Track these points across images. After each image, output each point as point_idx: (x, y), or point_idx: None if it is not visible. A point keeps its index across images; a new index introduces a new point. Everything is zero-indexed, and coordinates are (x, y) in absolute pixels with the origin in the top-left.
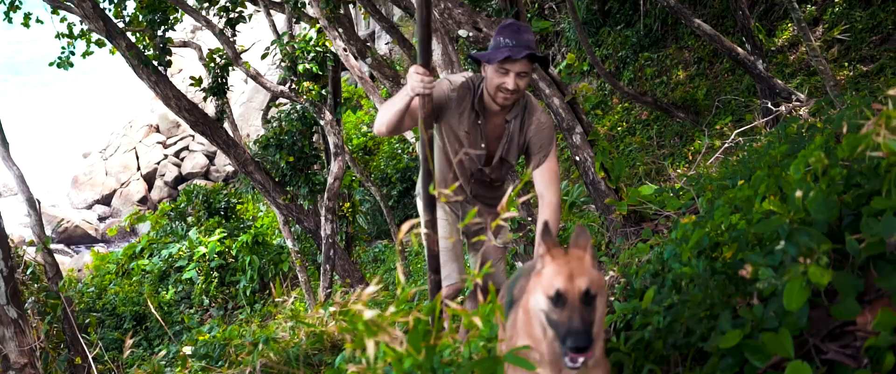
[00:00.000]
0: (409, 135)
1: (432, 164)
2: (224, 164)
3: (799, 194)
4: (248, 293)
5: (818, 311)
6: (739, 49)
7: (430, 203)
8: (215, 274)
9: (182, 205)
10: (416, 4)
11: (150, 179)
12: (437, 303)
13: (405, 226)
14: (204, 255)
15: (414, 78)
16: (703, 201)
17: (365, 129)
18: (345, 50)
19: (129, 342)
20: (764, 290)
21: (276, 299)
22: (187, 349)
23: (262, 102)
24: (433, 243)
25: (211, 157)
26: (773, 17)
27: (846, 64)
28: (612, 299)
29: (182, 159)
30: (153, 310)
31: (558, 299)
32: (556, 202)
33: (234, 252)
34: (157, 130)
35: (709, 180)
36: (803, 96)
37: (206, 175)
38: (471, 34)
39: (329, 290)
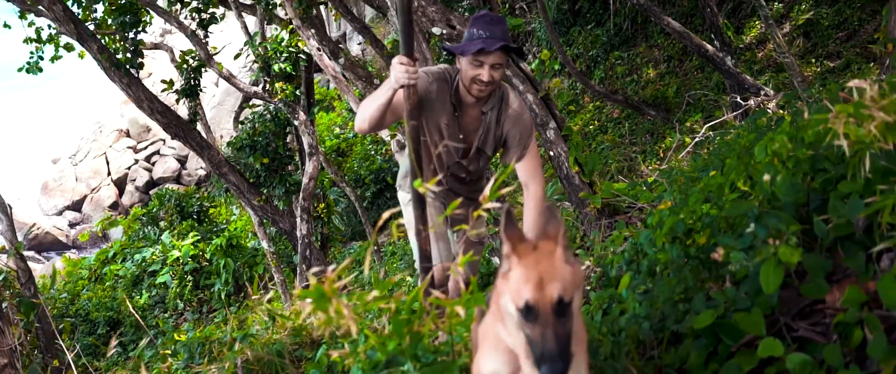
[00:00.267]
0: (385, 134)
1: (412, 154)
2: (196, 168)
3: (766, 177)
4: (222, 296)
5: (788, 291)
6: (708, 46)
7: (420, 197)
8: (189, 278)
9: (154, 209)
10: None
11: (120, 184)
12: (422, 290)
13: (385, 214)
14: (178, 259)
15: (398, 69)
16: (675, 192)
17: (337, 130)
18: (319, 49)
19: (113, 341)
20: (736, 272)
21: (253, 297)
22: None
23: (233, 105)
24: (425, 240)
25: (182, 161)
26: (741, 14)
27: (813, 60)
28: (588, 288)
29: (153, 164)
30: (133, 310)
31: (528, 312)
32: (541, 193)
33: (208, 255)
34: (128, 134)
35: (680, 173)
36: (772, 92)
37: (177, 179)
38: (444, 32)
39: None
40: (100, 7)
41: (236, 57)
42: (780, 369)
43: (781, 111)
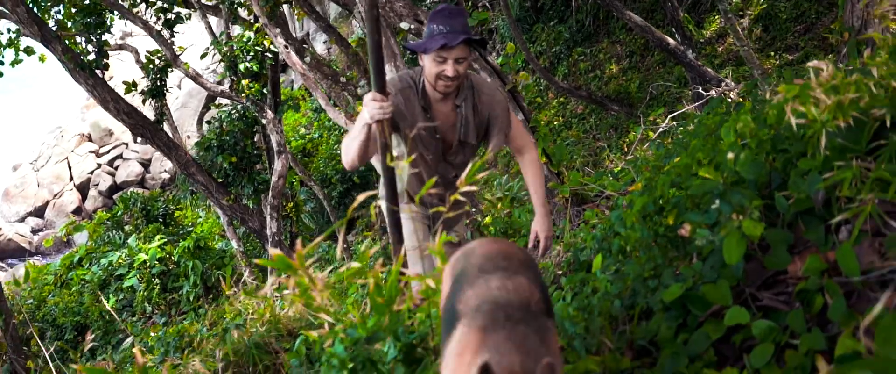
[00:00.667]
0: None
1: (386, 185)
2: (160, 171)
3: (731, 155)
4: (191, 298)
5: (752, 263)
6: (670, 40)
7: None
8: (157, 281)
9: (119, 213)
10: (367, 30)
11: (83, 189)
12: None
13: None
14: (145, 262)
15: (371, 106)
16: (642, 179)
17: (303, 130)
18: (286, 47)
19: (89, 336)
20: (702, 247)
21: (230, 291)
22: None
23: (196, 107)
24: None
25: (146, 164)
26: (701, 9)
27: (772, 53)
28: (560, 273)
29: (116, 168)
30: (107, 306)
31: None
32: (536, 156)
33: (175, 258)
34: (89, 139)
35: (646, 162)
36: (732, 83)
37: (141, 183)
38: (412, 27)
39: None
40: (58, 8)
41: (202, 57)
42: (746, 336)
43: (742, 100)
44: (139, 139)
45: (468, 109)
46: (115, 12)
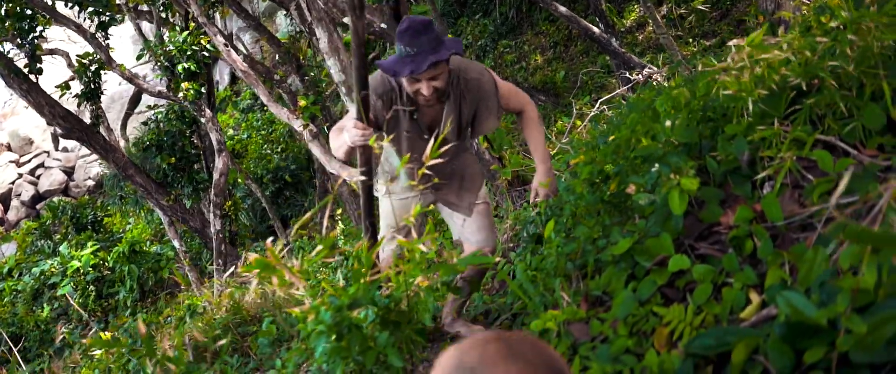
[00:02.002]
0: (298, 124)
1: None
2: (84, 178)
3: (668, 123)
4: (128, 303)
5: (690, 218)
6: (595, 28)
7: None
8: (92, 288)
9: (47, 222)
10: (354, 66)
11: (4, 199)
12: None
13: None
14: (78, 269)
15: (353, 132)
16: (581, 154)
17: (231, 132)
18: (226, 45)
19: (61, 329)
20: (645, 207)
21: (184, 288)
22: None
23: (119, 111)
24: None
25: (69, 172)
26: None
27: (690, 40)
28: (510, 247)
29: (38, 177)
30: (73, 302)
31: None
32: (534, 114)
33: (110, 264)
34: (9, 148)
35: (582, 143)
36: (656, 68)
37: (65, 192)
38: None
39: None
40: None
41: (139, 58)
42: (688, 280)
43: (667, 82)
44: (60, 148)
45: (456, 99)
46: (47, 15)
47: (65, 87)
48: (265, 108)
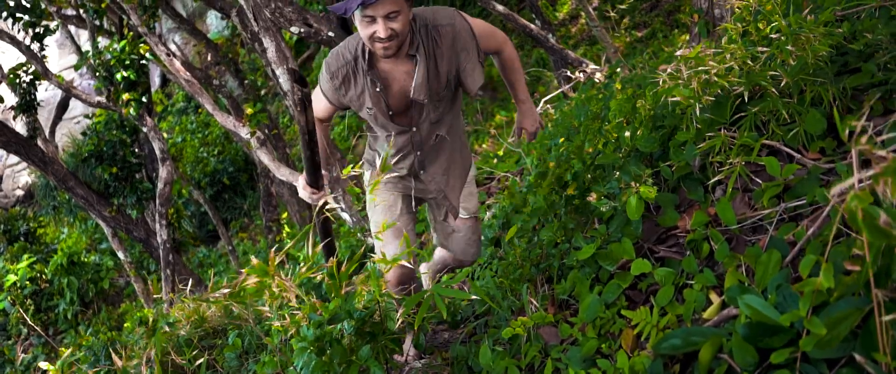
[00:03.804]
0: (245, 132)
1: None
2: (12, 188)
3: (628, 134)
4: (69, 316)
5: (648, 223)
6: (532, 25)
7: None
8: (30, 301)
9: None
10: (303, 157)
11: None
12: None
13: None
14: (15, 283)
15: (303, 193)
16: (533, 159)
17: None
18: (169, 55)
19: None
20: (605, 213)
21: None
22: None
23: (46, 120)
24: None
25: None
26: None
27: (622, 31)
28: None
29: None
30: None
31: None
32: (513, 53)
33: (48, 276)
34: None
35: (531, 146)
36: (593, 65)
37: None
38: (302, 30)
39: (175, 293)
40: None
41: (76, 68)
42: (650, 283)
43: (607, 81)
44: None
45: (430, 56)
46: None
47: None
48: (200, 110)
